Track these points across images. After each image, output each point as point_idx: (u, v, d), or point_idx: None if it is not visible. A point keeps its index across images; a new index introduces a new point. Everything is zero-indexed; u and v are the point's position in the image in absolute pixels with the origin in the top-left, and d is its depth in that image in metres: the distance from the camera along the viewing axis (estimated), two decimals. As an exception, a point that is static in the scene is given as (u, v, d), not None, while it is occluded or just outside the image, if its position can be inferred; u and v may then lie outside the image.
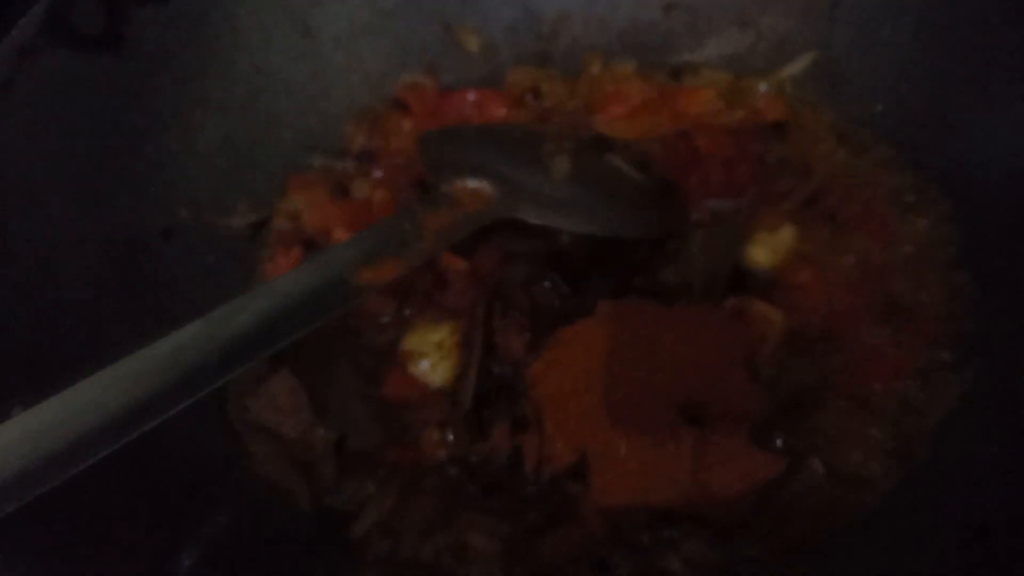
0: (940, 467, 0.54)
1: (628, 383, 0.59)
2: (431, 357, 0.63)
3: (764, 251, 0.65)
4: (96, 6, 0.66)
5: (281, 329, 0.54)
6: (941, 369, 0.58)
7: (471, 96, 0.80)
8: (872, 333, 0.61)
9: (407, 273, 0.62)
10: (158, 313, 0.64)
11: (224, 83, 0.75)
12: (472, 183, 0.65)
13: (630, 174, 0.71)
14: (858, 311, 0.61)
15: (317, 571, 0.54)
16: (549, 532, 0.55)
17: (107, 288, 0.63)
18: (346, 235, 0.71)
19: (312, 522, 0.58)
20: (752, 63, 0.78)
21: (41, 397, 0.46)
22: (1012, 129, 0.62)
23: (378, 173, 0.76)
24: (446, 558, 0.55)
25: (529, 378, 0.60)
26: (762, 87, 0.75)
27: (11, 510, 0.42)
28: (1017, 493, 0.48)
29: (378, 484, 0.59)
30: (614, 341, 0.60)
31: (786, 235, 0.65)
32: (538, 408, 0.59)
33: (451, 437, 0.60)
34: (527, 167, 0.68)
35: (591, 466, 0.56)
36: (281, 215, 0.74)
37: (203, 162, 0.73)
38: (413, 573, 0.55)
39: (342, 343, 0.65)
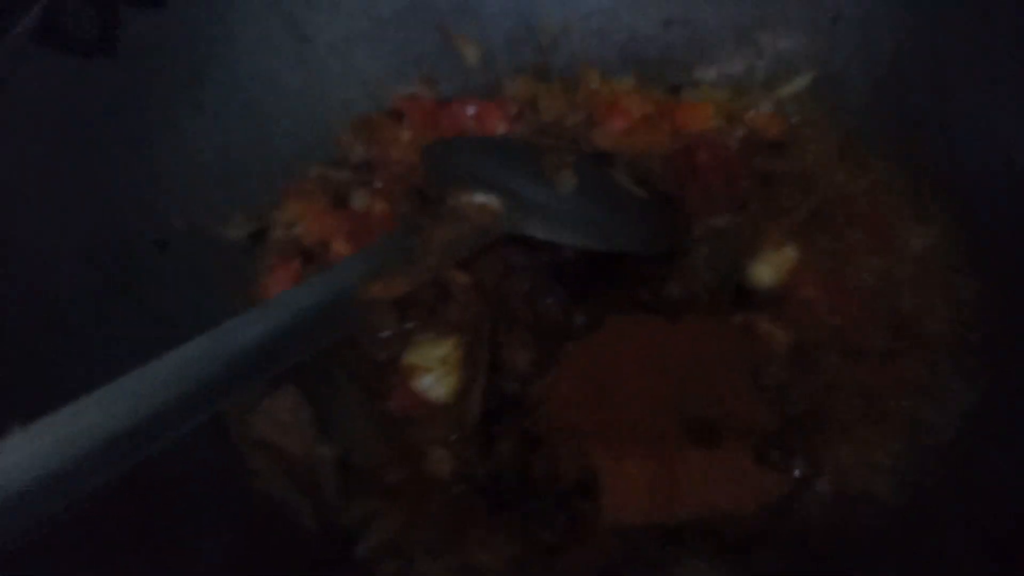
0: (954, 481, 0.54)
1: (635, 401, 0.59)
2: (435, 372, 0.62)
3: (768, 269, 0.65)
4: (90, 10, 0.64)
5: (290, 346, 0.53)
6: (950, 382, 0.59)
7: (470, 109, 0.79)
8: (879, 347, 0.61)
9: (412, 289, 0.61)
10: (155, 327, 0.61)
11: (219, 90, 0.73)
12: (479, 197, 0.64)
13: (632, 189, 0.71)
14: (865, 325, 0.62)
15: (323, 592, 0.53)
16: (561, 551, 0.55)
17: (101, 301, 0.61)
18: (345, 246, 0.70)
19: (317, 541, 0.57)
20: (752, 79, 0.78)
21: (38, 416, 0.44)
22: (1014, 140, 0.62)
23: (376, 184, 0.75)
24: (457, 578, 0.54)
25: (536, 395, 0.60)
26: (761, 105, 0.76)
27: (11, 537, 0.41)
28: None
29: (384, 502, 0.58)
30: (621, 358, 0.60)
31: (789, 253, 0.65)
32: (546, 425, 0.59)
33: (458, 454, 0.59)
34: (533, 181, 0.67)
35: (601, 484, 0.56)
36: (279, 226, 0.72)
37: (198, 170, 0.71)
38: (423, 594, 0.55)
39: (344, 358, 0.63)
